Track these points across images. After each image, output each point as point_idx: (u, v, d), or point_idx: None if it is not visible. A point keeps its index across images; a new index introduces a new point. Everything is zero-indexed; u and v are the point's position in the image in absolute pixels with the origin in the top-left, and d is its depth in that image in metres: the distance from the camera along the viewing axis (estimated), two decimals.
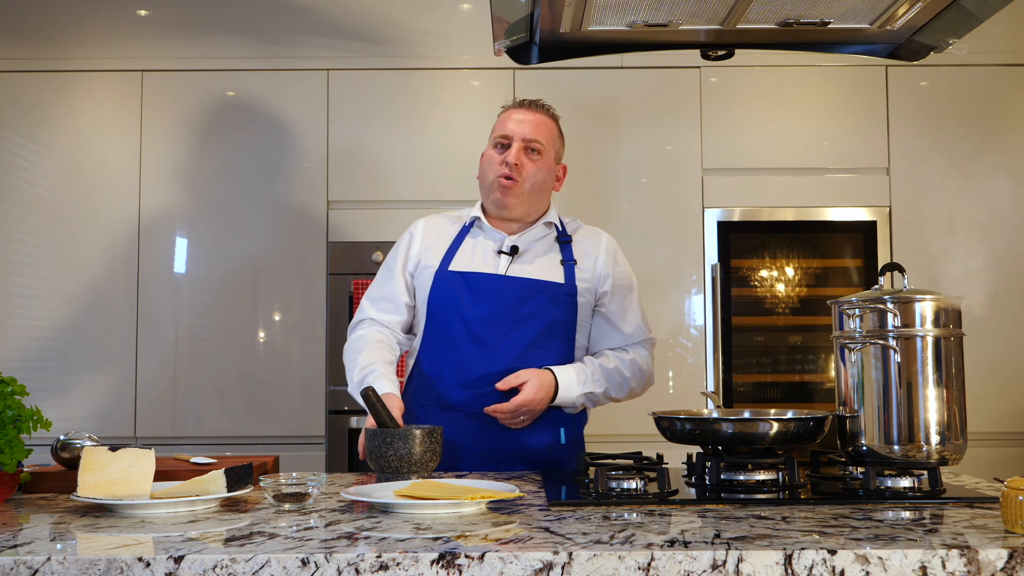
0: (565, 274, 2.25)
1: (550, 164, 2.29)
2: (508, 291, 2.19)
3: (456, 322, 2.19)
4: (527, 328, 2.19)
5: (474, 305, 2.18)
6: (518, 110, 2.30)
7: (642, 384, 2.33)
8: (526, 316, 2.19)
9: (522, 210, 2.27)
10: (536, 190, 2.26)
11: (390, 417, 1.92)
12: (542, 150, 2.26)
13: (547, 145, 2.28)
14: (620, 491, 1.64)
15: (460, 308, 2.19)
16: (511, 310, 2.19)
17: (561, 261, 2.27)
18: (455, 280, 2.21)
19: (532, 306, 2.20)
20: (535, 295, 2.20)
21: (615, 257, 2.33)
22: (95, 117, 3.49)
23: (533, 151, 2.25)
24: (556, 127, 2.34)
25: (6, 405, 1.67)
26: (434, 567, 1.18)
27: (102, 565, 1.18)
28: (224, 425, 3.41)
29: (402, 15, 3.51)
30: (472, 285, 2.20)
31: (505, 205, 2.24)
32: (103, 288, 3.44)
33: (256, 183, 3.47)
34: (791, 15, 2.05)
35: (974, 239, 3.47)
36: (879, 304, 1.74)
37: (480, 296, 2.19)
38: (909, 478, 1.66)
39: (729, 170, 3.49)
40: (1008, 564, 1.19)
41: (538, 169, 2.25)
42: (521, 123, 2.26)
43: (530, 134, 2.25)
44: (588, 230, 2.37)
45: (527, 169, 2.23)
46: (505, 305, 2.19)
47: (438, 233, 2.31)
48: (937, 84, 3.50)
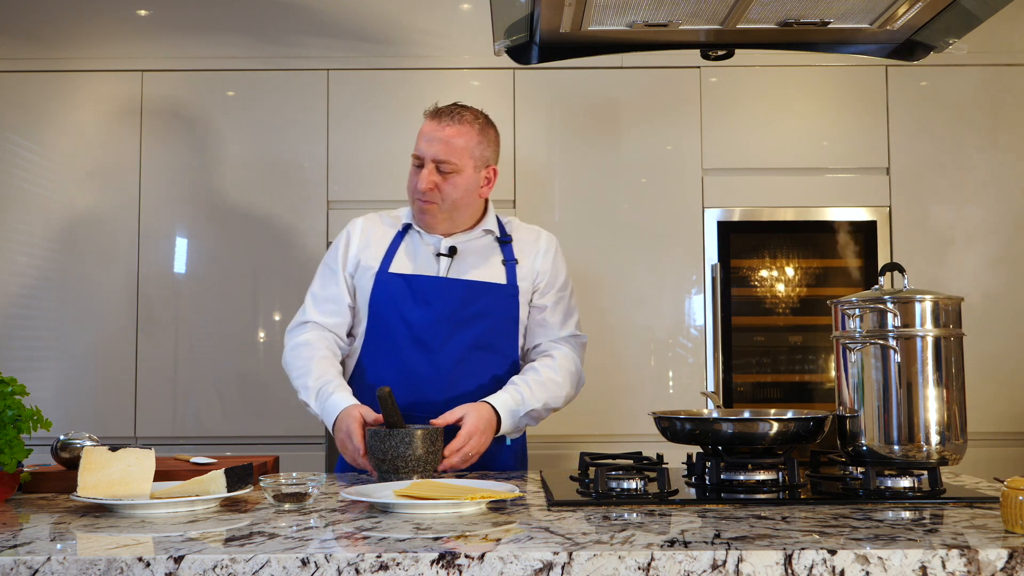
0: (507, 274, 2.24)
1: (468, 178, 2.21)
2: (451, 293, 2.17)
3: (399, 325, 2.17)
4: (471, 330, 2.18)
5: (417, 308, 2.16)
6: (429, 123, 2.22)
7: (576, 387, 2.28)
8: (469, 318, 2.18)
9: (445, 226, 2.24)
10: (456, 206, 2.22)
11: (400, 420, 1.92)
12: (456, 168, 2.19)
13: (461, 160, 2.19)
14: (620, 491, 1.64)
15: (402, 311, 2.17)
16: (454, 312, 2.17)
17: (502, 261, 2.25)
18: (396, 283, 2.19)
19: (475, 307, 2.18)
20: (478, 296, 2.19)
21: (554, 255, 2.31)
22: (95, 117, 3.49)
23: (447, 172, 2.19)
24: (475, 132, 2.23)
25: (6, 405, 1.67)
26: (434, 567, 1.18)
27: (102, 565, 1.18)
28: (224, 425, 3.41)
29: (402, 15, 3.51)
30: (414, 288, 2.18)
31: (425, 225, 2.24)
32: (103, 288, 3.44)
33: (256, 183, 3.46)
34: (791, 15, 2.05)
35: (974, 239, 3.47)
36: (879, 304, 1.74)
37: (423, 299, 2.17)
38: (909, 478, 1.66)
39: (729, 170, 3.49)
40: (1008, 564, 1.19)
41: (454, 187, 2.19)
42: (431, 142, 2.19)
43: (440, 155, 2.18)
44: (528, 229, 2.34)
45: (443, 189, 2.19)
46: (448, 307, 2.16)
47: (375, 233, 2.28)
48: (937, 84, 3.50)
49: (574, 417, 3.40)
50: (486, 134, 2.26)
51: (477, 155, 2.23)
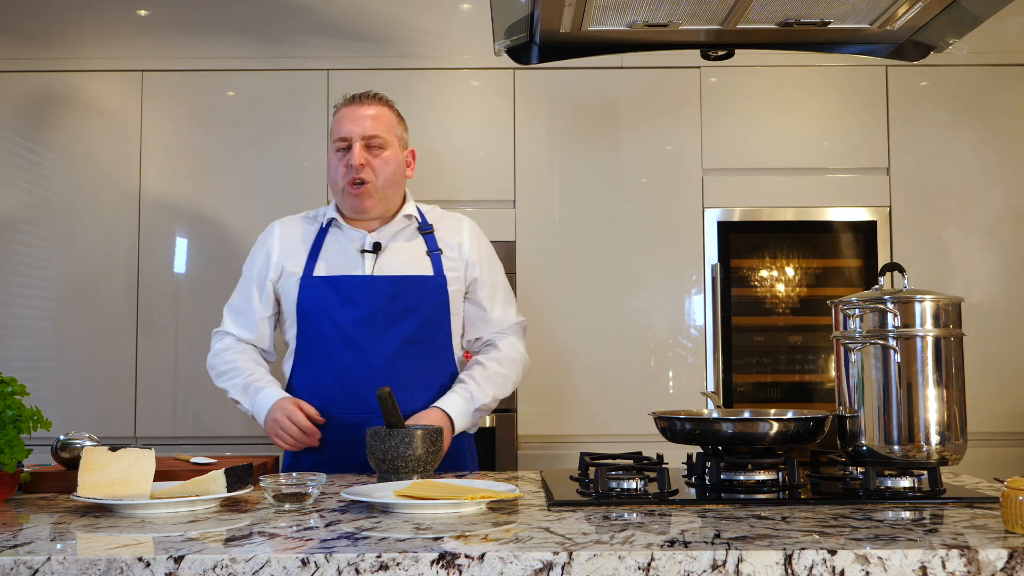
0: (433, 265, 2.22)
1: (397, 155, 2.23)
2: (378, 291, 2.15)
3: (329, 328, 2.15)
4: (402, 326, 2.16)
5: (345, 309, 2.14)
6: (350, 106, 2.22)
7: (520, 374, 2.30)
8: (399, 314, 2.16)
9: (380, 208, 2.23)
10: (390, 184, 2.21)
11: (400, 420, 1.92)
12: (384, 143, 2.20)
13: (389, 136, 2.22)
14: (620, 491, 1.64)
15: (331, 314, 2.15)
16: (383, 309, 2.15)
17: (427, 252, 2.23)
18: (322, 285, 2.17)
19: (404, 302, 2.16)
20: (406, 291, 2.17)
21: (479, 242, 2.30)
22: (95, 117, 3.49)
23: (376, 146, 2.19)
24: (393, 113, 2.26)
25: (6, 405, 1.67)
26: (434, 567, 1.18)
27: (102, 565, 1.18)
28: (224, 425, 3.41)
29: (402, 15, 3.51)
30: (340, 289, 2.16)
31: (362, 209, 2.20)
32: (103, 288, 3.44)
33: (256, 183, 3.46)
34: (791, 15, 2.05)
35: (974, 239, 3.47)
36: (879, 304, 1.74)
37: (350, 299, 2.15)
38: (909, 478, 1.66)
39: (729, 170, 3.49)
40: (1008, 564, 1.19)
41: (385, 163, 2.20)
42: (356, 120, 2.19)
43: (369, 130, 2.18)
44: (450, 216, 2.32)
45: (375, 167, 2.19)
46: (376, 305, 2.15)
47: (295, 237, 2.26)
48: (937, 84, 3.50)
49: (574, 417, 3.41)
50: (401, 118, 2.30)
51: (399, 134, 2.26)
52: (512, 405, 3.37)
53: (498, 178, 3.47)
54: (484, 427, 3.32)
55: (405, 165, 2.28)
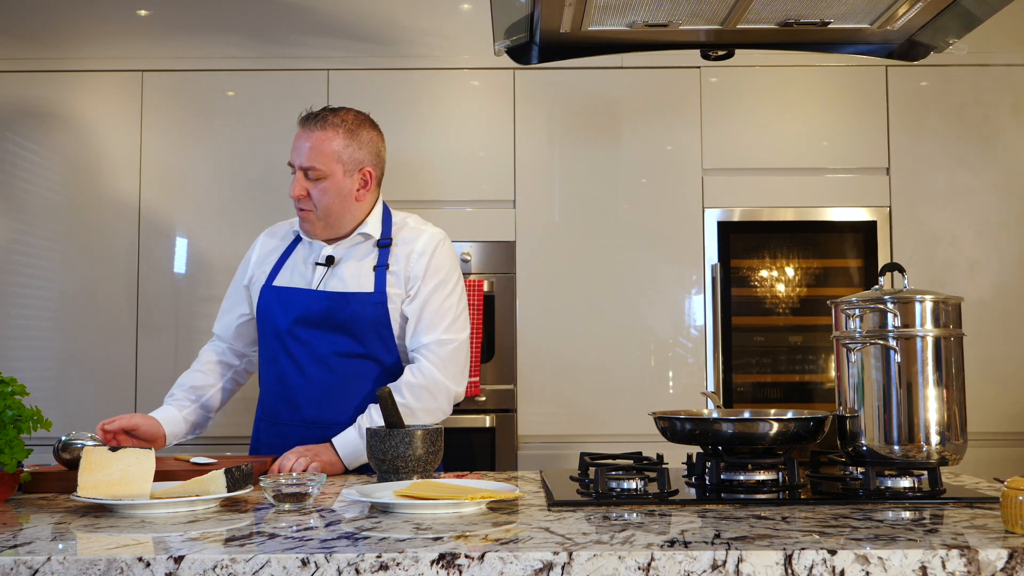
0: (375, 281, 2.20)
1: (338, 183, 2.20)
2: (315, 304, 2.19)
3: (273, 337, 2.23)
4: (335, 339, 2.18)
5: (285, 320, 2.20)
6: (300, 130, 2.23)
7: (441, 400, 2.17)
8: (335, 327, 2.18)
9: (326, 233, 2.24)
10: (330, 212, 2.21)
11: (400, 420, 1.92)
12: (321, 174, 2.18)
13: (328, 165, 2.19)
14: (620, 491, 1.64)
15: (276, 323, 2.22)
16: (319, 323, 2.18)
17: (374, 268, 2.22)
18: (272, 295, 2.24)
19: (341, 317, 2.17)
20: (342, 307, 2.17)
21: (430, 257, 2.22)
22: (95, 117, 3.49)
23: (314, 178, 2.19)
24: (340, 137, 2.21)
25: (6, 405, 1.67)
26: (434, 567, 1.18)
27: (102, 565, 1.18)
28: (224, 425, 3.40)
29: (402, 15, 3.51)
30: (283, 300, 2.23)
31: (309, 233, 2.25)
32: (103, 288, 3.44)
33: (256, 183, 3.46)
34: (791, 15, 2.05)
35: (974, 239, 3.47)
36: (879, 304, 1.74)
37: (290, 310, 2.21)
38: (909, 478, 1.66)
39: (729, 170, 3.49)
40: (1008, 564, 1.19)
41: (324, 192, 2.19)
42: (299, 150, 2.20)
43: (306, 161, 2.19)
44: (413, 230, 2.27)
45: (313, 197, 2.19)
46: (311, 318, 2.18)
47: (272, 245, 2.35)
48: (937, 84, 3.50)
49: (574, 417, 3.41)
50: (355, 137, 2.23)
51: (346, 159, 2.21)
52: (512, 405, 3.37)
53: (498, 178, 3.47)
54: (484, 427, 3.32)
55: (356, 188, 2.23)
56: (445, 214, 3.42)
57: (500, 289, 3.41)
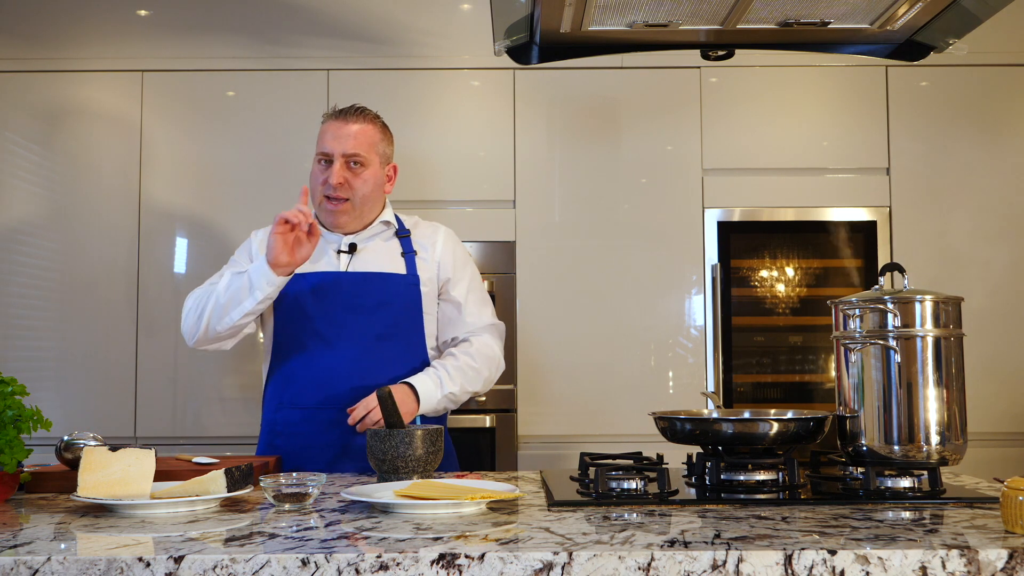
0: (406, 264, 2.28)
1: (376, 172, 2.29)
2: (346, 286, 2.22)
3: (302, 322, 2.22)
4: (370, 320, 2.22)
5: (316, 304, 2.21)
6: (335, 122, 2.28)
7: (493, 372, 2.32)
8: (368, 308, 2.22)
9: (354, 224, 2.30)
10: (366, 201, 2.28)
11: (400, 420, 1.92)
12: (364, 161, 2.26)
13: (369, 154, 2.27)
14: (620, 491, 1.64)
15: (304, 308, 2.22)
16: (349, 303, 2.21)
17: (402, 253, 2.30)
18: (296, 282, 2.24)
19: (373, 298, 2.22)
20: (375, 287, 2.23)
21: (454, 246, 2.36)
22: (95, 117, 3.49)
23: (356, 164, 2.25)
24: (377, 130, 2.31)
25: (6, 405, 1.67)
26: (434, 567, 1.18)
27: (102, 565, 1.18)
28: (224, 425, 3.41)
29: (402, 15, 3.51)
30: (312, 284, 2.23)
31: (336, 224, 2.29)
32: (103, 288, 3.44)
33: (256, 183, 3.46)
34: (791, 15, 2.05)
35: (974, 239, 3.47)
36: (879, 304, 1.74)
37: (321, 294, 2.22)
38: (909, 478, 1.66)
39: (729, 170, 3.49)
40: (1008, 564, 1.19)
41: (364, 181, 2.26)
42: (339, 137, 2.25)
43: (350, 148, 2.24)
44: (426, 224, 2.39)
45: (353, 185, 2.25)
46: (344, 300, 2.21)
47: None
48: (937, 84, 3.50)
49: (574, 417, 3.41)
50: (386, 133, 2.35)
51: (381, 151, 2.31)
52: (512, 405, 3.37)
53: (498, 178, 3.47)
54: (484, 427, 3.32)
55: (385, 180, 2.34)
56: (445, 214, 3.42)
57: (500, 289, 3.41)
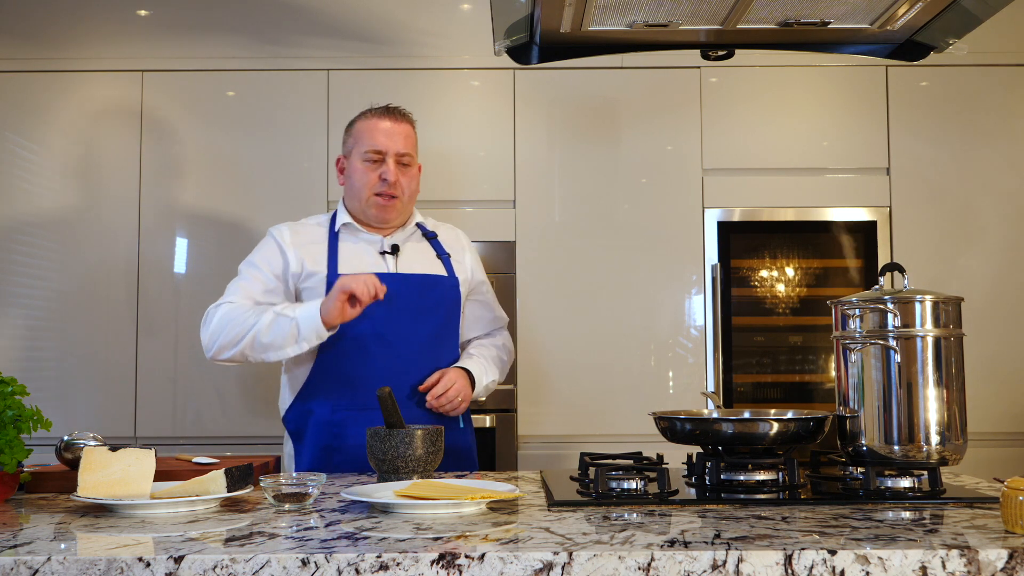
0: (445, 267, 2.38)
1: (416, 172, 2.40)
2: (407, 287, 2.27)
3: (361, 323, 2.21)
4: (428, 321, 2.29)
5: (377, 306, 2.21)
6: (383, 120, 2.35)
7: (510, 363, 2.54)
8: (426, 310, 2.29)
9: (400, 220, 2.38)
10: (411, 199, 2.38)
11: (400, 420, 1.93)
12: (411, 161, 2.36)
13: (415, 154, 2.39)
14: (620, 491, 1.64)
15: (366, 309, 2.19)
16: (414, 305, 2.27)
17: (437, 255, 2.39)
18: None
19: (430, 300, 2.30)
20: (430, 289, 2.31)
21: (474, 251, 2.51)
22: (95, 117, 3.49)
23: (406, 164, 2.34)
24: (415, 131, 2.42)
25: (6, 405, 1.67)
26: (434, 567, 1.18)
27: (102, 565, 1.18)
28: (224, 425, 3.41)
29: (402, 15, 3.51)
30: None
31: (386, 220, 2.34)
32: (103, 288, 3.44)
33: (256, 183, 3.46)
34: (791, 15, 2.05)
35: (974, 239, 3.47)
36: (879, 304, 1.74)
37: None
38: (909, 478, 1.66)
39: (729, 170, 3.49)
40: (1008, 564, 1.19)
41: (411, 180, 2.36)
42: (392, 136, 2.33)
43: (402, 148, 2.33)
44: (445, 226, 2.49)
45: (402, 183, 2.33)
46: (406, 301, 2.26)
47: (308, 239, 2.34)
48: (937, 84, 3.50)
49: (574, 417, 3.41)
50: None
51: (416, 153, 2.42)
52: (512, 405, 3.37)
53: (498, 178, 3.47)
54: (484, 427, 3.32)
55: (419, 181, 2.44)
56: (446, 214, 3.41)
57: (500, 289, 3.41)
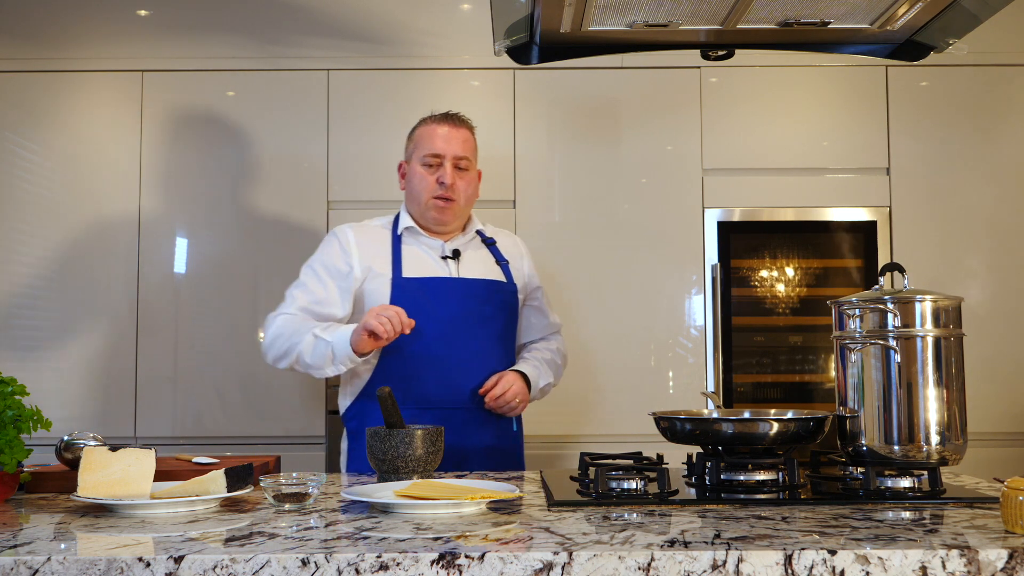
0: (504, 273, 2.42)
1: (475, 177, 2.45)
2: (470, 292, 2.33)
3: (428, 326, 2.26)
4: (488, 326, 2.34)
5: (442, 308, 2.28)
6: (442, 125, 2.41)
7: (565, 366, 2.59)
8: (486, 315, 2.34)
9: (457, 224, 2.43)
10: (469, 203, 2.43)
11: (400, 420, 1.93)
12: (469, 166, 2.41)
13: (473, 159, 2.43)
14: (620, 491, 1.64)
15: (428, 312, 2.27)
16: (476, 309, 2.32)
17: (496, 261, 2.43)
18: (416, 286, 2.30)
19: (491, 305, 2.35)
20: (492, 294, 2.36)
21: (529, 255, 2.56)
22: (95, 117, 3.49)
23: (463, 168, 2.40)
24: (474, 137, 2.47)
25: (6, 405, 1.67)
26: (434, 567, 1.18)
27: (102, 565, 1.18)
28: (224, 425, 3.41)
29: (402, 15, 3.51)
30: (435, 289, 2.31)
31: (444, 222, 2.39)
32: (103, 288, 3.44)
33: (256, 183, 3.46)
34: (791, 15, 2.05)
35: (974, 239, 3.47)
36: (879, 304, 1.74)
37: (444, 300, 2.30)
38: (909, 478, 1.66)
39: (729, 170, 3.49)
40: (1008, 564, 1.19)
41: (468, 184, 2.40)
42: (449, 141, 2.39)
43: (460, 151, 2.39)
44: (501, 232, 2.54)
45: (459, 187, 2.38)
46: (470, 305, 2.31)
47: (372, 240, 2.38)
48: (937, 84, 3.50)
49: (574, 417, 3.41)
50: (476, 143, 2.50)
51: (475, 158, 2.46)
52: None
53: (498, 178, 3.47)
54: None
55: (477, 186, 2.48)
56: None
57: None
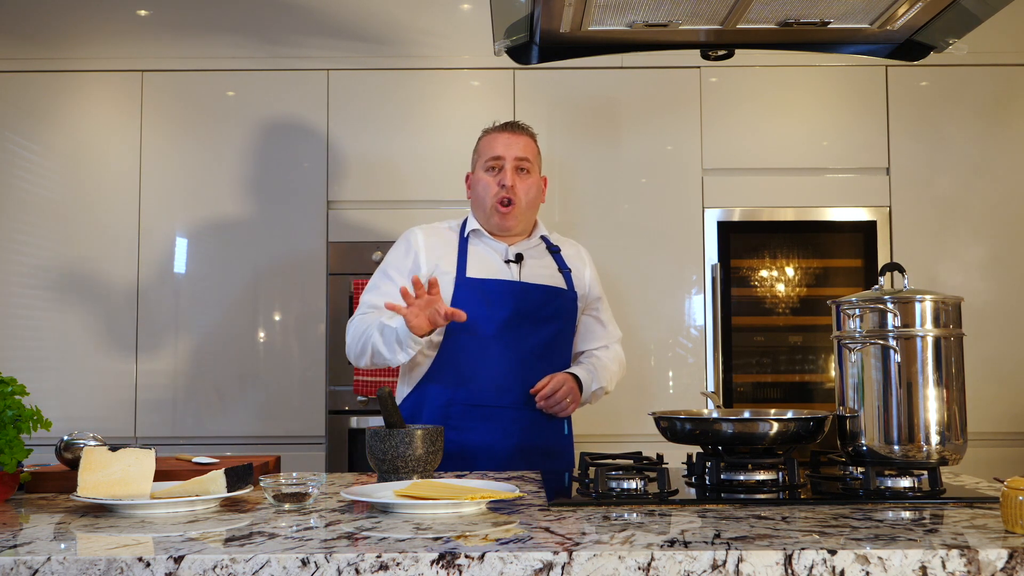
0: (566, 281, 2.44)
1: (538, 180, 2.45)
2: (530, 296, 2.35)
3: (485, 325, 2.31)
4: (547, 329, 2.37)
5: (501, 309, 2.31)
6: (502, 133, 2.45)
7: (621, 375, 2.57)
8: (546, 318, 2.37)
9: (520, 227, 2.44)
10: (530, 206, 2.43)
11: (400, 420, 1.93)
12: (530, 168, 2.42)
13: (534, 163, 2.44)
14: (620, 491, 1.64)
15: (488, 312, 2.31)
16: (534, 313, 2.35)
17: (559, 269, 2.45)
18: (478, 286, 2.33)
19: (550, 309, 2.37)
20: (551, 299, 2.38)
21: (594, 267, 2.57)
22: (95, 117, 3.49)
23: (523, 170, 2.41)
24: (536, 145, 2.48)
25: (6, 405, 1.67)
26: (434, 567, 1.18)
27: (102, 565, 1.18)
28: (224, 425, 3.41)
29: (402, 15, 3.51)
30: (495, 290, 2.34)
31: (506, 227, 2.42)
32: (103, 288, 3.44)
33: (256, 183, 3.46)
34: (791, 15, 2.05)
35: (974, 239, 3.47)
36: (879, 304, 1.74)
37: (502, 301, 2.32)
38: (909, 478, 1.66)
39: (729, 170, 3.49)
40: (1008, 564, 1.19)
41: (529, 187, 2.41)
42: (509, 144, 2.41)
43: (520, 153, 2.41)
44: (568, 241, 2.56)
45: (520, 188, 2.39)
46: (528, 308, 2.34)
47: (440, 242, 2.42)
48: (937, 84, 3.50)
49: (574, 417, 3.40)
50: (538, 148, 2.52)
51: (538, 164, 2.48)
52: None
53: None
54: None
55: (540, 191, 2.48)
56: (446, 214, 3.41)
57: None
